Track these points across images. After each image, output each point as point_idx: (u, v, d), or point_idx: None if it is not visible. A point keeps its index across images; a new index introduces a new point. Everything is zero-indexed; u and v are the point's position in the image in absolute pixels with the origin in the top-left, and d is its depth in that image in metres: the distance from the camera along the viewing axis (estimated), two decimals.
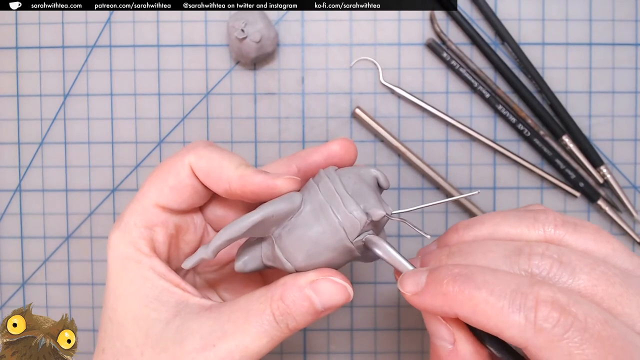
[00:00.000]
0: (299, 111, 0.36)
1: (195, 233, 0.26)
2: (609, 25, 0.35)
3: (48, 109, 0.36)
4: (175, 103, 0.36)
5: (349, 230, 0.22)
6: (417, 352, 0.36)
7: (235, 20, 0.33)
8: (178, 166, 0.24)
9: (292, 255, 0.23)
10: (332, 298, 0.22)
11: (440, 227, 0.36)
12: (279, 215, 0.22)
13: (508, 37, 0.35)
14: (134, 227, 0.24)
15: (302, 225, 0.22)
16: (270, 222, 0.22)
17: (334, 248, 0.22)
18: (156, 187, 0.24)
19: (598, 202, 0.35)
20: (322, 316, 0.23)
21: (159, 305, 0.23)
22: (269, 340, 0.22)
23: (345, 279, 0.23)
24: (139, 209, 0.24)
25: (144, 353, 0.22)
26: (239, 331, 0.22)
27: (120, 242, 0.24)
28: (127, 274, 0.24)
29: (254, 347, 0.22)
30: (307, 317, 0.22)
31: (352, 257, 0.23)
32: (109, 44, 0.36)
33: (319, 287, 0.22)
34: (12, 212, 0.36)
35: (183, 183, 0.24)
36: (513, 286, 0.19)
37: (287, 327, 0.22)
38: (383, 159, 0.36)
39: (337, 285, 0.22)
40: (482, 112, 0.36)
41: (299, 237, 0.22)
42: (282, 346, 0.36)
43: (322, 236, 0.22)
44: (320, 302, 0.22)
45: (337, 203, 0.22)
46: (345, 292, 0.23)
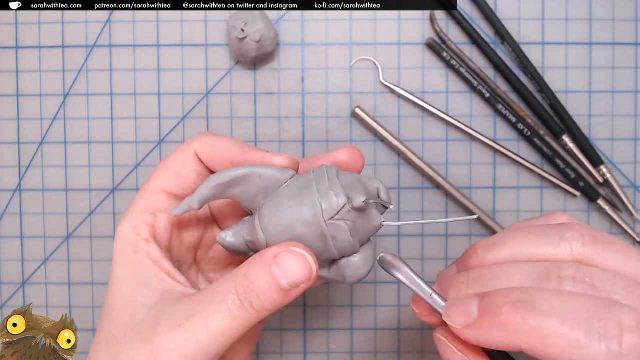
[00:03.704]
0: (299, 111, 0.36)
1: (197, 226, 0.26)
2: (609, 25, 0.35)
3: (48, 109, 0.36)
4: (175, 103, 0.36)
5: (325, 207, 0.22)
6: (417, 352, 0.36)
7: (235, 20, 0.33)
8: (184, 153, 0.25)
9: (267, 225, 0.23)
10: (295, 272, 0.21)
11: (440, 227, 0.36)
12: (267, 179, 0.23)
13: (508, 37, 0.35)
14: (139, 212, 0.24)
15: (285, 195, 0.23)
16: (257, 183, 0.23)
17: (307, 223, 0.22)
18: (163, 174, 0.25)
19: (598, 201, 0.35)
20: (291, 297, 0.22)
21: (146, 290, 0.23)
22: (232, 319, 0.21)
23: (308, 251, 0.22)
24: (145, 195, 0.25)
25: (126, 335, 0.22)
26: (203, 311, 0.21)
27: (124, 227, 0.24)
28: (124, 257, 0.24)
29: (217, 326, 0.21)
30: (271, 295, 0.21)
31: (325, 246, 0.23)
32: (109, 43, 0.36)
33: (281, 260, 0.21)
34: (12, 211, 0.36)
35: (188, 168, 0.25)
36: (587, 311, 0.17)
37: (251, 306, 0.21)
38: (383, 158, 0.36)
39: (297, 256, 0.21)
40: (482, 111, 0.36)
41: (278, 204, 0.22)
42: (282, 346, 0.36)
43: (298, 208, 0.22)
44: (284, 277, 0.21)
45: (323, 182, 0.22)
46: (307, 264, 0.21)
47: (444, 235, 0.36)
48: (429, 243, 0.36)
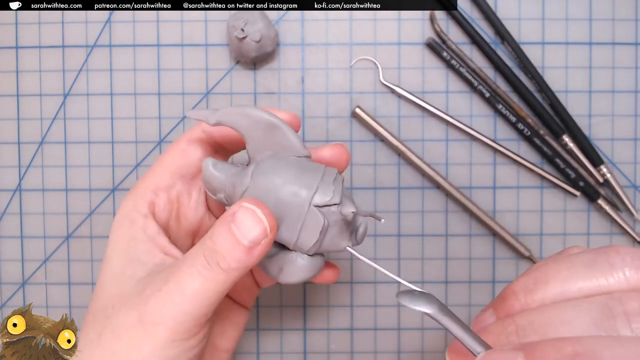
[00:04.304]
0: (299, 111, 0.36)
1: (195, 211, 0.27)
2: (609, 24, 0.35)
3: (48, 109, 0.36)
4: (175, 103, 0.36)
5: (318, 194, 0.22)
6: (417, 352, 0.36)
7: (235, 20, 0.33)
8: (190, 132, 0.26)
9: (258, 176, 0.23)
10: (250, 229, 0.21)
11: (441, 226, 0.36)
12: (287, 140, 0.23)
13: (508, 37, 0.35)
14: (141, 189, 0.25)
15: (291, 163, 0.23)
16: (276, 139, 0.23)
17: (294, 196, 0.22)
18: (169, 153, 0.25)
19: (598, 201, 0.35)
20: (256, 255, 0.22)
21: (137, 265, 0.23)
22: (202, 280, 0.21)
23: (262, 208, 0.22)
24: (149, 174, 0.25)
25: (114, 307, 0.23)
26: (177, 274, 0.22)
27: (125, 202, 0.25)
28: (119, 232, 0.24)
29: (190, 288, 0.21)
30: (234, 254, 0.21)
31: (292, 227, 0.23)
32: (109, 43, 0.36)
33: (238, 218, 0.22)
34: (12, 211, 0.36)
35: (194, 145, 0.25)
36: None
37: (217, 265, 0.21)
38: (383, 158, 0.36)
39: (251, 213, 0.21)
40: (482, 111, 0.36)
41: (281, 166, 0.23)
42: (282, 346, 0.36)
43: (295, 180, 0.22)
44: (242, 235, 0.21)
45: (330, 177, 0.23)
46: (259, 221, 0.21)
47: (444, 235, 0.36)
48: (429, 243, 0.36)
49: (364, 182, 0.36)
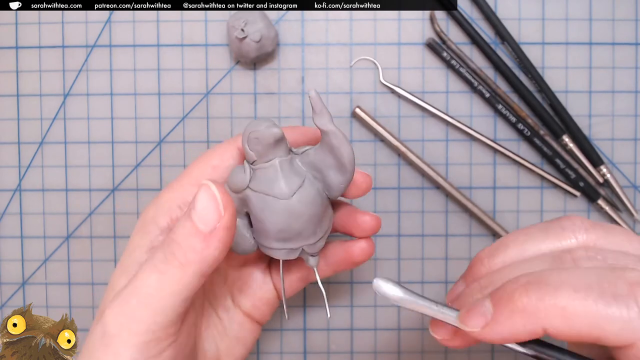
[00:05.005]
0: (299, 111, 0.36)
1: None
2: (609, 25, 0.35)
3: (48, 109, 0.36)
4: (175, 103, 0.36)
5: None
6: (417, 352, 0.36)
7: (235, 20, 0.33)
8: (224, 148, 0.25)
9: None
10: (203, 208, 0.20)
11: (441, 226, 0.36)
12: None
13: (508, 37, 0.35)
14: (166, 201, 0.24)
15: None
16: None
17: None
18: (199, 167, 0.25)
19: (598, 201, 0.35)
20: (212, 245, 0.20)
21: (128, 276, 0.23)
22: (158, 276, 0.20)
23: (218, 186, 0.20)
24: (176, 186, 0.24)
25: (95, 323, 0.22)
26: (137, 274, 0.21)
27: (147, 211, 0.24)
28: (131, 239, 0.24)
29: (145, 286, 0.20)
30: (190, 240, 0.20)
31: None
32: (109, 43, 0.36)
33: (196, 199, 0.20)
34: (12, 212, 0.36)
35: (226, 163, 0.24)
36: (593, 277, 0.17)
37: (174, 257, 0.20)
38: (383, 158, 0.36)
39: (207, 191, 0.20)
40: (482, 111, 0.36)
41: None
42: (282, 346, 0.36)
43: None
44: (198, 217, 0.20)
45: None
46: (213, 198, 0.20)
47: (444, 235, 0.36)
48: (429, 243, 0.36)
49: None
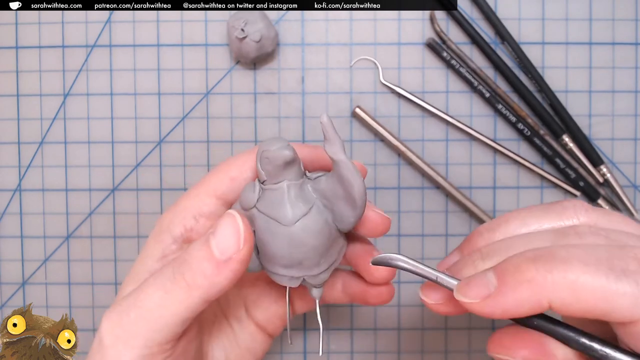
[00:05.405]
0: (299, 111, 0.36)
1: None
2: (609, 24, 0.35)
3: (48, 109, 0.36)
4: (175, 103, 0.36)
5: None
6: (417, 352, 0.36)
7: (235, 20, 0.33)
8: (244, 159, 0.24)
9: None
10: (224, 236, 0.20)
11: (441, 226, 0.36)
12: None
13: (508, 37, 0.35)
14: (182, 209, 0.24)
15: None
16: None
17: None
18: (217, 177, 0.24)
19: (598, 201, 0.35)
20: (224, 273, 0.20)
21: (135, 284, 0.23)
22: (163, 294, 0.20)
23: (242, 216, 0.20)
24: (193, 195, 0.24)
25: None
26: (140, 287, 0.21)
27: (163, 217, 0.24)
28: (147, 247, 0.24)
29: (147, 301, 0.20)
30: (202, 264, 0.20)
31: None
32: (109, 43, 0.36)
33: (217, 226, 0.20)
34: (12, 211, 0.36)
35: (244, 175, 0.24)
36: (603, 253, 0.17)
37: (182, 278, 0.20)
38: (383, 158, 0.36)
39: (230, 219, 0.20)
40: (482, 111, 0.36)
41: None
42: (282, 346, 0.36)
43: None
44: (216, 243, 0.20)
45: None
46: (236, 227, 0.20)
47: (444, 235, 0.36)
48: (429, 243, 0.36)
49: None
